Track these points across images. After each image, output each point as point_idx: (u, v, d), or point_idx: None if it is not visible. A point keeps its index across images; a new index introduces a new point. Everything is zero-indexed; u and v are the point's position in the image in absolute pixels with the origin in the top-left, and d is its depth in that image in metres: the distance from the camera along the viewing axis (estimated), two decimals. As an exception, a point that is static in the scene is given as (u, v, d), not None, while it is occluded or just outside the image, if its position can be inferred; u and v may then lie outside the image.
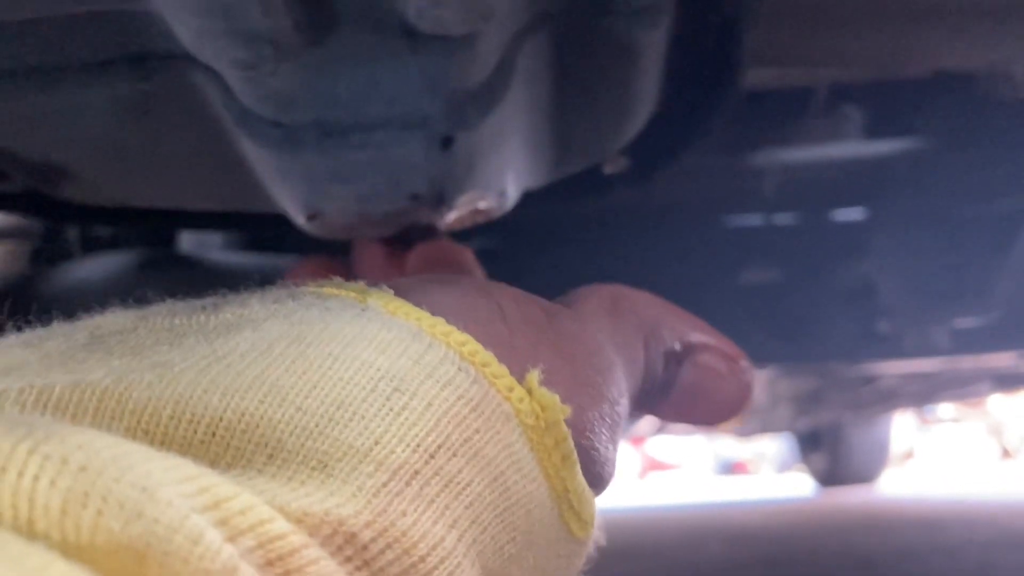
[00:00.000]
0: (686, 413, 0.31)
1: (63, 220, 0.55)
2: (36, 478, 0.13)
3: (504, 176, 0.44)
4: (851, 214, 0.94)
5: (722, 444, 6.65)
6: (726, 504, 3.69)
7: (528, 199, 0.50)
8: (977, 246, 0.77)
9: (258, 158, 0.41)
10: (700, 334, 0.30)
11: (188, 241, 0.83)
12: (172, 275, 0.79)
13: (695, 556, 1.82)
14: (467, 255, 0.41)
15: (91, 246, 0.79)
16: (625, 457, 7.74)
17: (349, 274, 0.43)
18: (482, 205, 0.45)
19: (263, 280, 0.83)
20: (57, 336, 0.21)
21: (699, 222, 0.98)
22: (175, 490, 0.15)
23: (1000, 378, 1.63)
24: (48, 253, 0.77)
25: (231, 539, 0.15)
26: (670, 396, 0.30)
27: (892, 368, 1.29)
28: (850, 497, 3.19)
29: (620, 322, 0.29)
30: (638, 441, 4.71)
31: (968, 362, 1.09)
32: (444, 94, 0.38)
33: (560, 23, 0.40)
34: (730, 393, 0.30)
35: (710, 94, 0.46)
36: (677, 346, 0.30)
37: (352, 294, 0.24)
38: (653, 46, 0.41)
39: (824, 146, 0.91)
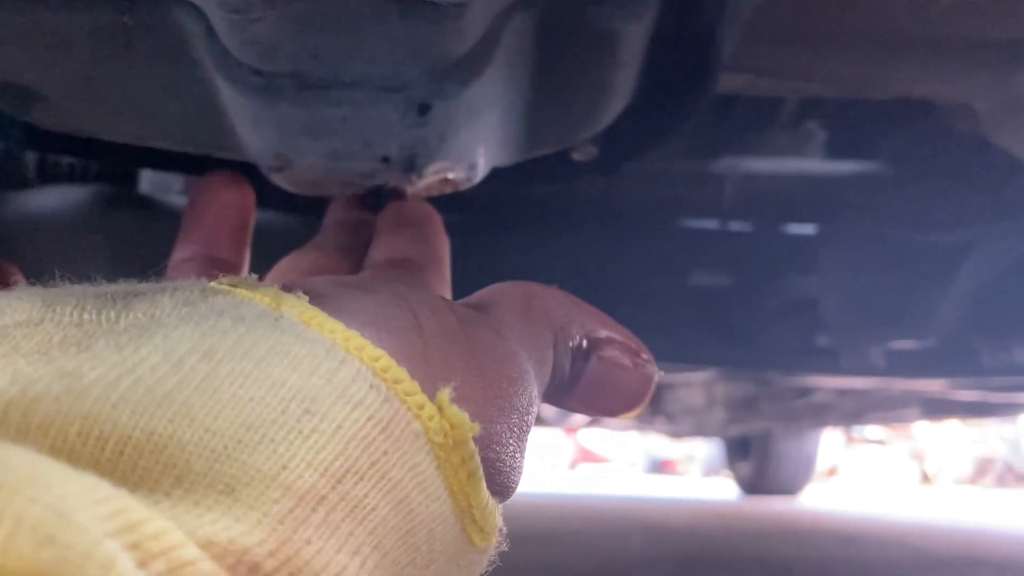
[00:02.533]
0: (590, 404, 0.31)
1: (26, 145, 0.54)
2: None
3: (476, 150, 0.45)
4: (803, 228, 0.96)
5: (654, 443, 6.73)
6: (651, 500, 3.75)
7: (494, 178, 0.51)
8: (920, 274, 0.79)
9: (234, 104, 0.41)
10: (606, 329, 0.31)
11: (148, 182, 0.83)
12: (129, 214, 0.78)
13: (616, 548, 1.84)
14: (435, 218, 0.41)
15: (49, 178, 0.78)
16: (559, 446, 7.81)
17: (247, 197, 0.42)
18: (451, 176, 0.45)
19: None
20: None
21: (656, 221, 0.99)
22: (90, 513, 0.15)
23: (928, 404, 1.68)
24: (4, 180, 0.76)
25: (142, 563, 0.15)
26: (576, 389, 0.31)
27: (826, 382, 1.32)
28: (772, 506, 3.25)
29: (533, 323, 0.29)
30: (572, 431, 4.74)
31: (900, 384, 1.13)
32: (426, 61, 0.39)
33: (547, 5, 0.40)
34: (632, 385, 0.31)
35: (684, 94, 0.47)
36: (584, 342, 0.31)
37: (266, 299, 0.23)
38: (634, 40, 0.42)
39: (785, 160, 0.93)
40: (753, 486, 3.66)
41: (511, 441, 0.26)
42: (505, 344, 0.27)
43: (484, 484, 0.24)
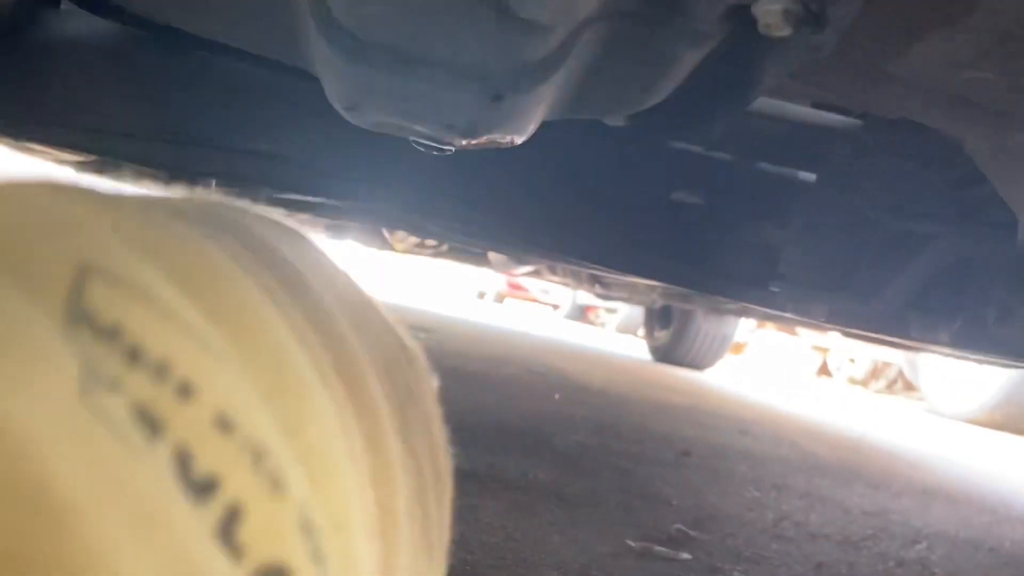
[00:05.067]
0: None
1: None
2: None
3: (530, 125, 0.49)
4: (783, 173, 1.01)
5: (582, 295, 6.92)
6: (574, 347, 3.92)
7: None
8: (881, 254, 0.87)
9: (325, 56, 0.45)
10: None
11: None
12: (154, 55, 0.80)
13: (542, 404, 1.97)
14: None
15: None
16: (490, 278, 7.98)
17: None
18: (501, 140, 0.50)
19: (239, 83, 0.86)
20: None
21: (647, 137, 1.04)
22: None
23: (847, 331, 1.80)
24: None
25: None
26: None
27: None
28: (680, 380, 3.44)
29: None
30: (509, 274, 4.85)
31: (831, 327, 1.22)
32: (509, 61, 0.43)
33: (620, 22, 0.44)
34: None
35: (719, 104, 0.52)
36: None
37: None
38: (689, 61, 0.47)
39: (776, 101, 0.98)
40: (666, 355, 3.85)
41: None
42: None
43: None
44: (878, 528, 1.34)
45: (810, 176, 1.00)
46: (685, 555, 1.01)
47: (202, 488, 0.13)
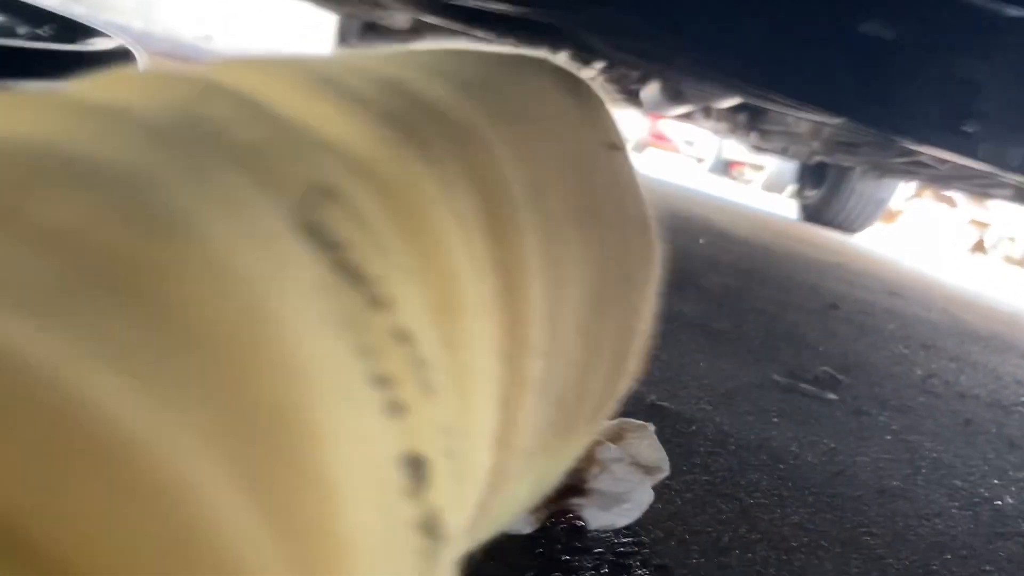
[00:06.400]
0: None
1: None
2: None
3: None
4: (987, 6, 0.93)
5: (727, 145, 6.71)
6: (717, 199, 3.84)
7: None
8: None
9: None
10: None
11: None
12: None
13: (686, 245, 1.95)
14: None
15: None
16: (632, 125, 7.82)
17: None
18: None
19: None
20: None
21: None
22: None
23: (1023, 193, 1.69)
24: None
25: None
26: None
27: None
28: (830, 239, 3.34)
29: None
30: (655, 117, 4.73)
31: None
32: None
33: None
34: None
35: None
36: None
37: None
38: None
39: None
40: (816, 215, 3.72)
41: None
42: None
43: None
44: (1032, 396, 1.30)
45: (1020, 11, 0.92)
46: (831, 395, 1.00)
47: (380, 380, 0.16)
